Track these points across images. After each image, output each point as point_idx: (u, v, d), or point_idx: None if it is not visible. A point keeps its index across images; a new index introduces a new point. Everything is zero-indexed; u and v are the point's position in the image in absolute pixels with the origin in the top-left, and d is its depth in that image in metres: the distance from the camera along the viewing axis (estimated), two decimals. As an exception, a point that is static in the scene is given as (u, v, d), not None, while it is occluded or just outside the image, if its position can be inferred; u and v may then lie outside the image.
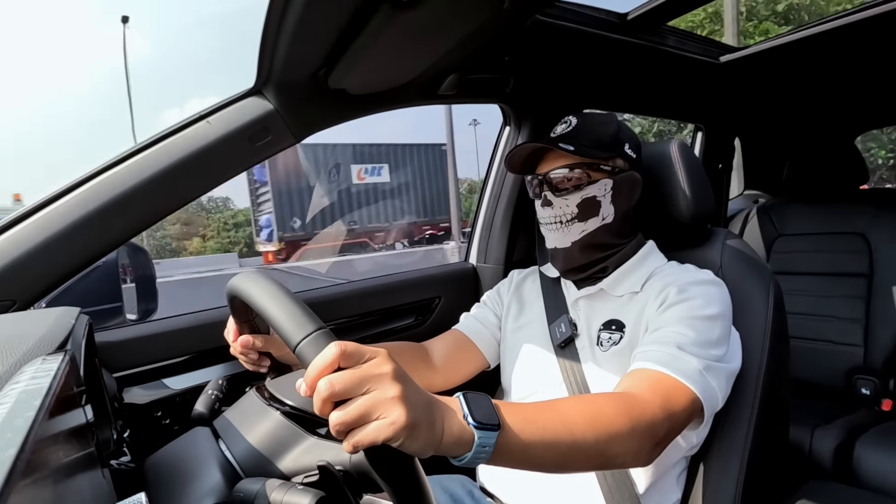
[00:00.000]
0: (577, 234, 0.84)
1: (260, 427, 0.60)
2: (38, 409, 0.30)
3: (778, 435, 0.85)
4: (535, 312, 0.94)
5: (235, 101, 0.90)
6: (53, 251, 0.76)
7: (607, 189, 0.82)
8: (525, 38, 1.03)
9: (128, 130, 30.55)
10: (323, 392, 0.39)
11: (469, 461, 0.46)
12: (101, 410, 0.60)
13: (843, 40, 1.22)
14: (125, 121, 74.66)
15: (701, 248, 0.91)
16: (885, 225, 1.51)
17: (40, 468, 0.28)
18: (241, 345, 0.68)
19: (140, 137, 0.99)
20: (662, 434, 0.60)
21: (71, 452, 0.37)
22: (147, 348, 0.92)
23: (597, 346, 0.83)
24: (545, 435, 0.51)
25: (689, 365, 0.65)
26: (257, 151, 0.91)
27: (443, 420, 0.44)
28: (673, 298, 0.74)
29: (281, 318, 0.44)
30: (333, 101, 0.97)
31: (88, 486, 0.41)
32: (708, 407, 0.66)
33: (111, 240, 0.82)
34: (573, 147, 0.80)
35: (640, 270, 0.84)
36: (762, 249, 1.73)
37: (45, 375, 0.37)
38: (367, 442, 0.39)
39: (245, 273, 0.53)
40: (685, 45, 1.27)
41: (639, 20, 1.08)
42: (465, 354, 0.96)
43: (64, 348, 0.47)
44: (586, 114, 0.88)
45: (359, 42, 0.78)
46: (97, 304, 1.22)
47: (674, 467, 0.79)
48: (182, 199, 0.86)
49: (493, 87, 1.19)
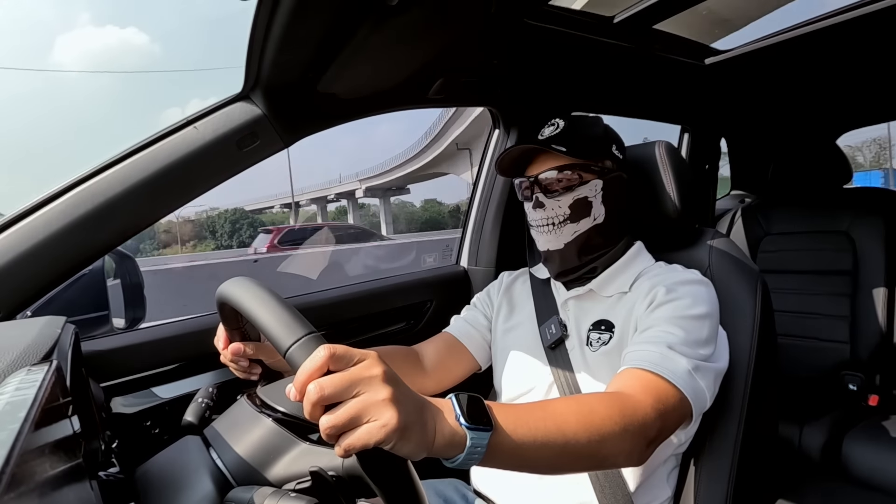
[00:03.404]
0: (569, 236, 0.84)
1: (251, 434, 0.59)
2: (23, 421, 0.30)
3: (767, 432, 0.86)
4: (526, 314, 0.95)
5: (223, 107, 0.89)
6: (38, 259, 0.74)
7: (598, 189, 0.83)
8: (513, 41, 1.04)
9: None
10: (312, 396, 0.38)
11: (461, 462, 0.46)
12: (89, 421, 0.59)
13: (824, 42, 1.24)
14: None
15: (689, 248, 0.92)
16: (867, 223, 1.53)
17: (26, 481, 0.27)
18: (232, 352, 0.68)
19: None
20: (654, 433, 0.61)
21: (58, 464, 0.36)
22: (135, 357, 0.91)
23: (586, 347, 0.83)
24: (537, 435, 0.51)
25: (678, 365, 0.66)
26: (245, 157, 0.90)
27: (434, 421, 0.44)
28: (661, 298, 0.75)
29: (271, 324, 0.44)
30: (322, 106, 0.97)
31: (76, 499, 0.40)
32: (696, 407, 0.66)
33: (97, 247, 0.81)
34: (566, 148, 0.80)
35: (628, 271, 0.85)
36: (749, 248, 1.75)
37: (31, 386, 0.37)
38: (359, 445, 0.39)
39: (234, 279, 0.53)
40: (671, 48, 1.29)
41: (625, 23, 1.09)
42: (456, 357, 0.96)
43: (50, 358, 0.46)
44: (573, 116, 0.89)
45: (347, 46, 0.78)
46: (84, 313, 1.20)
47: (664, 465, 0.80)
48: (169, 205, 0.86)
49: (481, 90, 1.20)
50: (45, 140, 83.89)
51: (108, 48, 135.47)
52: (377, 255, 10.11)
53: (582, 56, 1.17)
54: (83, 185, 0.79)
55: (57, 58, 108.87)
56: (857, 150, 32.86)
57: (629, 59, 1.25)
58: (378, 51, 0.82)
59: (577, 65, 1.21)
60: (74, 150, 76.43)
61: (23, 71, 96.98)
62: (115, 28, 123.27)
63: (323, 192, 46.88)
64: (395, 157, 39.49)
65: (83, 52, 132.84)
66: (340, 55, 0.81)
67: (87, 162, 1.07)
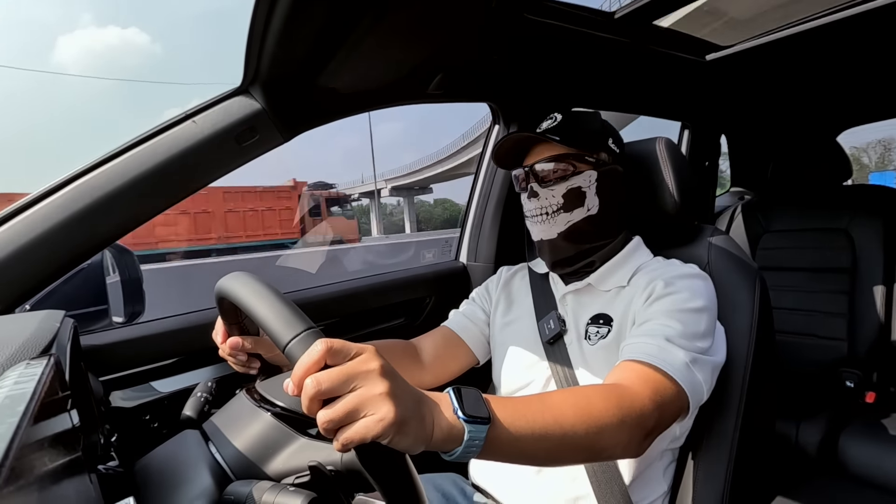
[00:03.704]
0: (562, 225, 0.85)
1: (250, 429, 0.59)
2: (22, 415, 0.30)
3: (764, 428, 0.86)
4: (524, 309, 0.95)
5: (222, 101, 0.89)
6: (37, 253, 0.74)
7: (592, 180, 0.84)
8: (513, 37, 1.03)
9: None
10: (310, 390, 0.39)
11: (459, 456, 0.46)
12: (88, 415, 0.60)
13: (825, 39, 1.24)
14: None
15: (688, 245, 0.92)
16: (866, 221, 1.54)
17: (25, 475, 0.27)
18: (230, 346, 0.68)
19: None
20: (652, 425, 0.61)
21: (57, 458, 0.36)
22: (134, 351, 0.91)
23: (585, 341, 0.83)
24: (535, 428, 0.51)
25: (676, 357, 0.66)
26: (244, 152, 0.90)
27: (432, 415, 0.44)
28: (660, 292, 0.75)
29: (270, 319, 0.44)
30: (321, 101, 0.97)
31: (75, 492, 0.40)
32: (693, 400, 0.66)
33: (96, 241, 0.80)
34: (559, 137, 0.81)
35: (627, 265, 0.85)
36: (748, 245, 1.75)
37: (30, 380, 0.37)
38: (357, 439, 0.39)
39: (233, 274, 0.53)
40: (671, 44, 1.28)
41: (626, 19, 1.09)
42: (454, 351, 0.96)
43: (48, 352, 0.47)
44: (571, 111, 0.89)
45: (347, 41, 0.77)
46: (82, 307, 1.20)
47: (660, 460, 0.80)
48: (168, 200, 0.85)
49: (481, 86, 1.20)
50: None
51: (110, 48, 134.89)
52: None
53: (582, 51, 1.17)
54: (82, 179, 0.79)
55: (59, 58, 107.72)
56: (863, 150, 32.76)
57: (630, 55, 1.24)
58: (378, 45, 0.81)
59: (577, 60, 1.20)
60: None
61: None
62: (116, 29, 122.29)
63: (348, 191, 46.97)
64: (426, 157, 39.56)
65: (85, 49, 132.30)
66: (340, 50, 0.80)
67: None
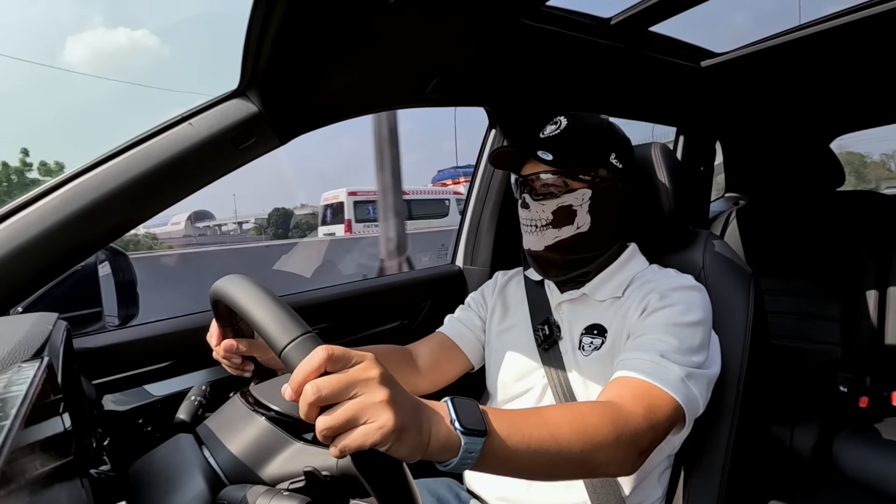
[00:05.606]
0: (550, 240, 0.83)
1: (244, 433, 0.59)
2: (13, 418, 0.30)
3: (759, 433, 0.86)
4: (520, 316, 0.94)
5: (218, 104, 0.88)
6: (30, 255, 0.74)
7: (585, 199, 0.82)
8: (510, 42, 1.04)
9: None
10: (309, 396, 0.38)
11: (454, 467, 0.46)
12: (80, 418, 0.59)
13: (820, 46, 1.25)
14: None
15: (683, 250, 0.92)
16: (859, 226, 1.55)
17: (16, 478, 0.27)
18: (225, 349, 0.67)
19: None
20: (646, 444, 0.61)
21: (48, 462, 0.36)
22: (127, 354, 0.90)
23: (579, 351, 0.83)
24: (531, 442, 0.51)
25: (671, 373, 0.66)
26: (240, 154, 0.89)
27: (430, 425, 0.44)
28: (655, 305, 0.75)
29: (266, 323, 0.44)
30: (318, 104, 0.96)
31: (66, 496, 0.40)
32: (689, 413, 0.67)
33: (90, 244, 0.80)
34: (552, 156, 0.79)
35: (621, 275, 0.85)
36: (743, 250, 1.77)
37: (22, 383, 0.36)
38: (355, 447, 0.39)
39: (229, 277, 0.52)
40: (667, 50, 1.29)
41: (622, 25, 1.09)
42: (450, 357, 0.96)
43: (41, 355, 0.46)
44: (578, 115, 0.86)
45: (344, 44, 0.77)
46: (76, 310, 1.19)
47: (656, 466, 0.80)
48: (163, 202, 0.85)
49: (477, 90, 1.20)
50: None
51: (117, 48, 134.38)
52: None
53: (578, 57, 1.17)
54: (76, 181, 0.79)
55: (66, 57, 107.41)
56: (891, 157, 32.71)
57: (625, 61, 1.25)
58: (374, 49, 0.81)
59: (573, 65, 1.21)
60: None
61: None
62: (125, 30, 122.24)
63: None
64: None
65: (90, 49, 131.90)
66: (337, 53, 0.80)
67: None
